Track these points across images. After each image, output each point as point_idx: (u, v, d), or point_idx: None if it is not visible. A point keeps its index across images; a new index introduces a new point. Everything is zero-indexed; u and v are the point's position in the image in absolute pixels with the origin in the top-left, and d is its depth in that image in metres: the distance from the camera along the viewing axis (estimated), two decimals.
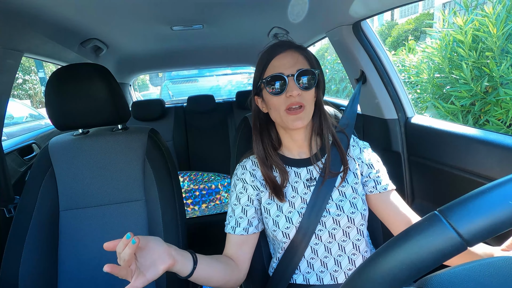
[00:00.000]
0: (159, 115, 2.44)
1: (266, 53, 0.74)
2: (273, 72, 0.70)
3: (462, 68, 2.41)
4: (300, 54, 0.72)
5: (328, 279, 0.75)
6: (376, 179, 0.78)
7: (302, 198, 0.76)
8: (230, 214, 0.79)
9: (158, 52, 2.06)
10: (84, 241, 0.98)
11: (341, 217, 0.74)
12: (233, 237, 0.77)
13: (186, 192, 1.87)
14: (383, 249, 0.32)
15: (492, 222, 0.28)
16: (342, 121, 0.91)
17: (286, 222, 0.74)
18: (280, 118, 0.73)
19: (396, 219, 0.75)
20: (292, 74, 0.69)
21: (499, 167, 0.83)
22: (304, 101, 0.71)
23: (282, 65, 0.70)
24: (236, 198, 0.79)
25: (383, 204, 0.78)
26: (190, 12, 1.27)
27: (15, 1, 0.89)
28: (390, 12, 3.13)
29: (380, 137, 1.27)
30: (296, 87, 0.69)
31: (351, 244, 0.76)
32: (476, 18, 2.42)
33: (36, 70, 9.62)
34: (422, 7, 11.84)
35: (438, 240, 0.28)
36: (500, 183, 0.30)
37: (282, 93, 0.70)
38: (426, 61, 3.01)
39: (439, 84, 2.82)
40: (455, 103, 2.54)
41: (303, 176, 0.78)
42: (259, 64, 0.75)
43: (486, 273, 0.30)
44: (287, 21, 1.46)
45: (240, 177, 0.80)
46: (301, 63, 0.71)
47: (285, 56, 0.71)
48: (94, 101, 0.94)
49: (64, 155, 1.00)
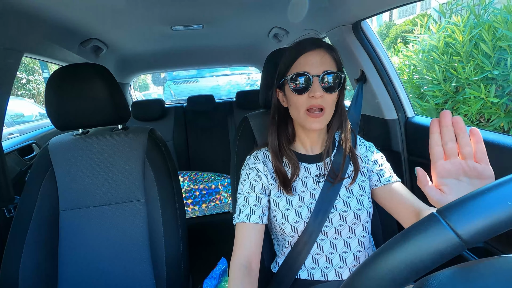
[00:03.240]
0: (159, 115, 2.43)
1: (295, 48, 0.72)
2: (299, 70, 0.70)
3: (435, 70, 2.70)
4: (329, 55, 0.71)
5: (332, 275, 0.75)
6: (379, 173, 0.79)
7: (311, 194, 0.77)
8: (242, 204, 0.76)
9: (158, 52, 2.06)
10: (84, 241, 0.98)
11: (348, 214, 0.75)
12: (248, 226, 0.73)
13: (186, 192, 1.87)
14: (383, 249, 0.32)
15: (490, 223, 0.28)
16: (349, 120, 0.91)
17: (296, 216, 0.75)
18: (299, 116, 0.72)
19: (404, 209, 0.73)
20: (317, 74, 0.68)
21: (499, 167, 0.83)
22: (325, 104, 0.70)
23: (309, 64, 0.69)
24: (250, 187, 0.77)
25: (389, 195, 0.76)
26: (190, 12, 1.27)
27: (15, 1, 0.89)
28: (388, 12, 3.31)
29: (380, 137, 1.27)
30: (320, 89, 0.68)
31: (356, 241, 0.76)
32: (447, 26, 2.69)
33: (40, 70, 9.83)
34: (420, 8, 11.82)
35: (437, 241, 0.28)
36: (499, 183, 0.30)
37: (305, 93, 0.69)
38: (407, 63, 3.28)
39: (418, 84, 3.09)
40: (430, 101, 2.80)
41: (312, 172, 0.79)
42: (286, 58, 0.73)
43: (486, 273, 0.30)
44: (287, 21, 1.46)
45: (253, 166, 0.80)
46: (328, 64, 0.70)
47: (313, 54, 0.70)
48: (94, 101, 0.94)
49: (64, 155, 1.00)
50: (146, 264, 0.98)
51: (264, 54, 1.09)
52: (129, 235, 0.99)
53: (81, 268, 0.96)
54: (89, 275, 0.97)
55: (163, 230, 0.97)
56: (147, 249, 0.98)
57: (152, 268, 0.97)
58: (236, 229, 0.76)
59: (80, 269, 0.96)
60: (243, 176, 0.81)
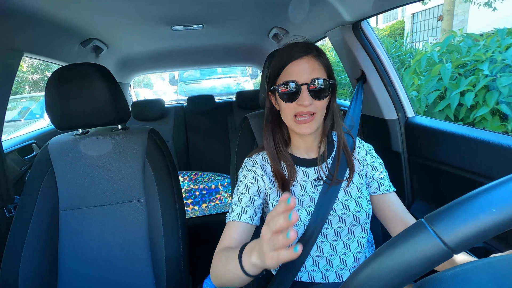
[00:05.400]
0: (159, 115, 2.43)
1: (284, 55, 0.72)
2: (288, 78, 0.69)
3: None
4: (318, 62, 0.71)
5: (333, 277, 0.75)
6: (379, 181, 0.80)
7: (311, 197, 0.77)
8: (235, 203, 0.77)
9: (158, 52, 2.06)
10: (84, 241, 0.98)
11: (347, 216, 0.75)
12: (237, 224, 0.74)
13: (186, 192, 1.87)
14: (374, 256, 0.32)
15: (476, 230, 0.28)
16: (347, 122, 0.91)
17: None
18: (289, 122, 0.74)
19: (395, 220, 0.77)
20: (306, 83, 0.68)
21: (499, 167, 0.83)
22: (315, 109, 0.70)
23: (297, 72, 0.69)
24: (245, 187, 0.78)
25: (384, 204, 0.79)
26: (190, 12, 1.27)
27: (15, 1, 0.89)
28: (375, 17, 3.54)
29: (380, 137, 1.27)
30: (308, 97, 0.68)
31: (356, 242, 0.77)
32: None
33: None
34: (400, 14, 11.79)
35: (424, 248, 0.29)
36: (484, 190, 0.30)
37: (293, 101, 0.70)
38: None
39: None
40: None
41: (310, 175, 0.79)
42: (277, 65, 0.73)
43: (486, 273, 0.30)
44: (287, 21, 1.46)
45: (251, 169, 0.80)
46: (317, 72, 0.70)
47: (302, 62, 0.70)
48: (94, 101, 0.94)
49: (64, 155, 1.00)
50: (146, 264, 0.98)
51: (264, 54, 1.09)
52: (129, 235, 0.99)
53: (81, 268, 0.96)
54: (89, 275, 0.97)
55: (163, 230, 0.97)
56: (147, 249, 0.98)
57: (152, 268, 0.97)
58: (226, 227, 0.76)
59: (80, 269, 0.96)
60: (240, 177, 0.82)
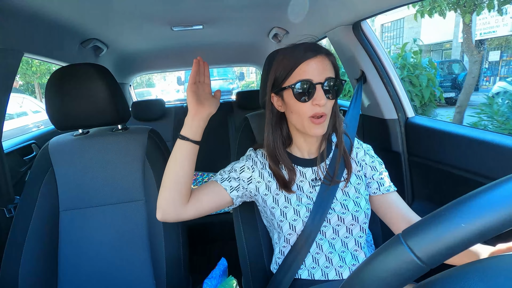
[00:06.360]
0: (159, 115, 2.43)
1: (295, 55, 0.69)
2: (302, 77, 0.68)
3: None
4: (329, 61, 0.70)
5: (333, 275, 0.76)
6: (379, 181, 0.80)
7: (309, 196, 0.78)
8: (225, 171, 0.81)
9: (158, 52, 2.06)
10: (84, 241, 0.98)
11: (346, 215, 0.76)
12: (215, 185, 0.78)
13: None
14: (357, 269, 0.33)
15: (447, 245, 0.28)
16: (345, 122, 0.91)
17: (294, 214, 0.75)
18: (302, 124, 0.72)
19: (398, 219, 0.76)
20: (320, 82, 0.67)
21: (498, 167, 0.83)
22: (327, 110, 0.70)
23: (311, 71, 0.67)
24: (240, 168, 0.80)
25: (385, 204, 0.79)
26: (190, 12, 1.27)
27: (15, 1, 0.89)
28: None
29: (380, 137, 1.27)
30: (323, 96, 0.67)
31: (353, 241, 0.77)
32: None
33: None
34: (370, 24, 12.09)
35: (400, 263, 0.30)
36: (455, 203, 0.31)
37: (309, 101, 0.69)
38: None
39: None
40: None
41: (308, 176, 0.79)
42: (286, 65, 0.71)
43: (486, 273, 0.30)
44: (287, 21, 1.46)
45: (253, 158, 0.82)
46: (328, 70, 0.69)
47: (315, 61, 0.68)
48: (94, 101, 0.94)
49: (64, 155, 1.00)
50: (146, 264, 0.98)
51: (264, 54, 1.09)
52: (129, 235, 0.99)
53: (81, 268, 0.96)
54: (89, 275, 0.97)
55: (163, 230, 0.97)
56: (147, 249, 0.98)
57: (152, 268, 0.97)
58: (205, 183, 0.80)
59: (80, 269, 0.96)
60: (241, 158, 0.84)
